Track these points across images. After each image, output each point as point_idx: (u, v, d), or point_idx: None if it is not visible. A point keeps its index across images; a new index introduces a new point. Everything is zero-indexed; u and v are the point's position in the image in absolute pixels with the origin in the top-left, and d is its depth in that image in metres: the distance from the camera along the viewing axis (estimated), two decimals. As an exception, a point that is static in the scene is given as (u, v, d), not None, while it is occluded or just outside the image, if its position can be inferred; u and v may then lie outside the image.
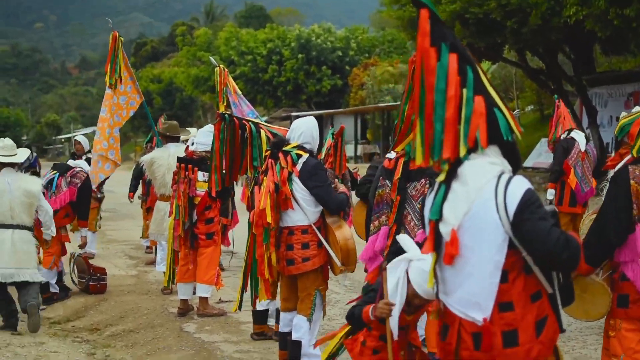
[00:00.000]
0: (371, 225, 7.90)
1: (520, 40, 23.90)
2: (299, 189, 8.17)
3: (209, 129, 11.32)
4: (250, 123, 9.49)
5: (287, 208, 8.22)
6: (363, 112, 49.26)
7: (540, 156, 29.53)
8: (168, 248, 11.56)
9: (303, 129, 8.40)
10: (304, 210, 8.21)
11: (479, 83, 4.19)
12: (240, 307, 9.46)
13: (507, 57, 30.13)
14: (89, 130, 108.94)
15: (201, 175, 11.19)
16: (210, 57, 19.04)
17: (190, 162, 11.36)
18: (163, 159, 13.26)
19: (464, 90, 4.14)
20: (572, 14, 20.33)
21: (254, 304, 9.44)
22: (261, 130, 9.41)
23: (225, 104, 15.24)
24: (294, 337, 8.40)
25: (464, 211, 4.20)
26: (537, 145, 30.39)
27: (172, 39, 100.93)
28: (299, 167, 8.16)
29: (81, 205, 13.12)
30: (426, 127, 4.12)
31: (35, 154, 16.54)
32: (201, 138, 11.48)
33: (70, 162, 13.90)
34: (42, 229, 11.52)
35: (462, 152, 4.12)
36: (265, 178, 8.33)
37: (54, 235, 11.99)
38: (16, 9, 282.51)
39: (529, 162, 28.81)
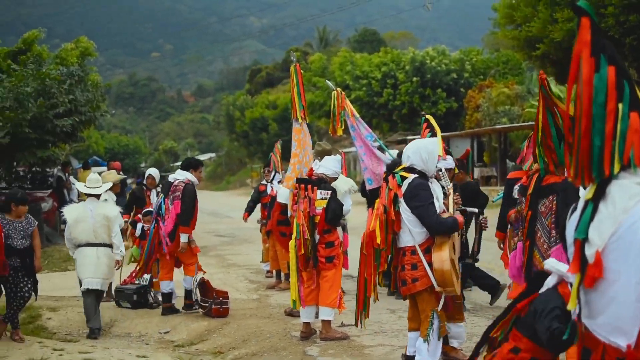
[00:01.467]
0: (512, 241, 7.98)
1: (639, 57, 23.49)
2: (404, 210, 8.32)
3: (338, 159, 11.53)
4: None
5: (395, 229, 8.35)
6: (479, 135, 48.85)
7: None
8: (291, 269, 11.57)
9: (410, 151, 8.55)
10: (410, 231, 8.31)
11: (635, 99, 4.06)
12: (358, 323, 9.43)
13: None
14: (206, 156, 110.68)
15: (319, 194, 11.26)
16: (327, 81, 19.07)
17: (309, 182, 11.43)
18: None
19: (620, 105, 4.00)
20: (693, 30, 19.93)
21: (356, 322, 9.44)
22: None
23: (342, 127, 15.25)
24: (416, 359, 8.47)
25: (610, 232, 4.02)
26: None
27: (286, 65, 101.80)
28: (403, 188, 8.30)
29: (182, 212, 13.79)
30: (582, 142, 4.00)
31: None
32: (329, 164, 11.62)
33: (170, 177, 14.69)
34: (113, 249, 13.21)
35: (616, 169, 3.97)
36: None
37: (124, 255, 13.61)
38: (133, 39, 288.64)
39: None
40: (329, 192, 11.27)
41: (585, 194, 4.17)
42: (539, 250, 7.79)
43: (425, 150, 8.45)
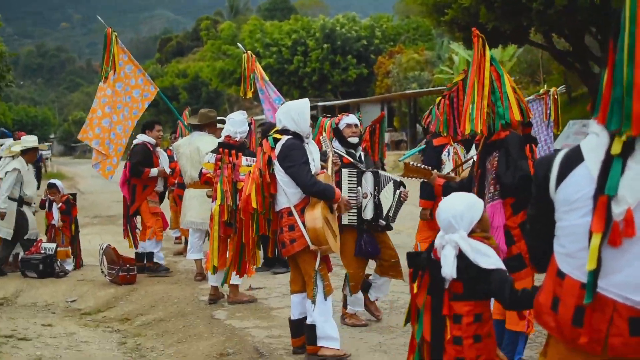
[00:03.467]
0: None
1: (546, 22, 23.74)
2: (278, 172, 8.21)
3: (242, 118, 11.44)
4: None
5: (272, 192, 8.29)
6: (389, 100, 49.14)
7: (569, 138, 29.29)
8: (212, 235, 11.44)
9: (281, 114, 8.45)
10: (285, 193, 8.23)
11: None
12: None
13: (534, 40, 29.91)
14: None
15: (244, 160, 11.19)
16: (239, 44, 19.00)
17: (233, 147, 11.32)
18: (184, 147, 13.33)
19: None
20: (598, -7, 20.16)
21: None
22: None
23: (252, 90, 15.24)
24: (308, 321, 8.41)
25: None
26: (565, 128, 30.16)
27: (197, 34, 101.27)
28: (277, 150, 8.19)
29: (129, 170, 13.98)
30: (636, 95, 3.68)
31: (40, 153, 17.30)
32: (240, 127, 11.47)
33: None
34: None
35: None
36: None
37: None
38: (42, 9, 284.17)
39: (557, 144, 28.51)
40: (254, 158, 11.18)
41: (611, 148, 3.83)
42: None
43: (295, 111, 8.31)
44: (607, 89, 3.78)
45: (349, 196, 9.21)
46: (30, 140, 15.33)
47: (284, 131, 8.31)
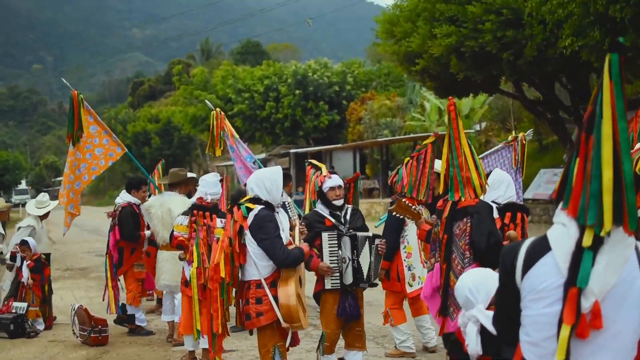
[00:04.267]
0: (428, 262, 8.09)
1: (516, 72, 23.89)
2: (250, 242, 8.09)
3: (214, 180, 11.42)
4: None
5: (241, 262, 8.18)
6: (361, 147, 49.25)
7: (540, 187, 29.50)
8: (192, 299, 11.35)
9: (253, 182, 8.34)
10: (256, 264, 8.10)
11: None
12: None
13: (504, 89, 30.10)
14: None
15: (219, 222, 11.16)
16: (207, 101, 19.00)
17: (206, 209, 11.29)
18: (155, 208, 13.26)
19: None
20: (567, 45, 20.27)
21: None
22: None
23: (221, 148, 15.22)
24: None
25: (612, 282, 3.88)
26: (536, 177, 30.34)
27: (169, 78, 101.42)
28: (249, 220, 8.08)
29: (121, 237, 13.95)
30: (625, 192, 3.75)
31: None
32: (212, 189, 11.42)
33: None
34: None
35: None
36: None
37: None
38: (13, 50, 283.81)
39: (528, 194, 28.72)
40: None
41: (582, 241, 3.86)
42: (454, 272, 7.86)
43: (269, 180, 8.23)
44: (579, 181, 3.82)
45: (329, 260, 9.23)
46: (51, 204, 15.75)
47: (256, 200, 8.24)
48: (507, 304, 4.28)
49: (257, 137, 59.76)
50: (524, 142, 13.76)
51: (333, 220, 9.49)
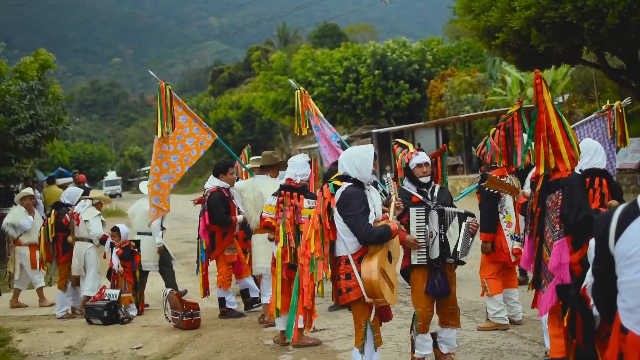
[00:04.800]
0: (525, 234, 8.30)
1: (598, 41, 23.54)
2: (337, 219, 8.18)
3: (303, 161, 11.45)
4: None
5: (330, 239, 8.24)
6: (443, 124, 48.94)
7: (627, 157, 29.04)
8: (275, 278, 11.43)
9: (344, 160, 8.42)
10: (343, 241, 8.18)
11: None
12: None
13: (586, 59, 29.65)
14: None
15: (306, 203, 11.22)
16: (290, 80, 18.99)
17: (294, 189, 11.35)
18: (247, 192, 13.33)
19: None
20: (650, 11, 19.97)
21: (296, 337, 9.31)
22: None
23: (307, 127, 15.24)
24: None
25: None
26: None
27: (248, 64, 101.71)
28: (336, 197, 8.17)
29: (211, 222, 14.09)
30: None
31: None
32: (300, 170, 11.47)
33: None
34: None
35: None
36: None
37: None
38: (93, 46, 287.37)
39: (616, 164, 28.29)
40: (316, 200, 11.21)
41: None
42: (546, 246, 7.86)
43: (359, 158, 8.28)
44: None
45: (417, 235, 9.24)
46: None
47: (345, 177, 8.28)
48: (603, 271, 4.26)
49: (339, 119, 59.67)
50: (621, 110, 13.27)
51: (420, 197, 9.48)
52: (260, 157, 14.05)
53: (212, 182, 14.31)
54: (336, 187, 8.21)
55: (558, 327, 7.63)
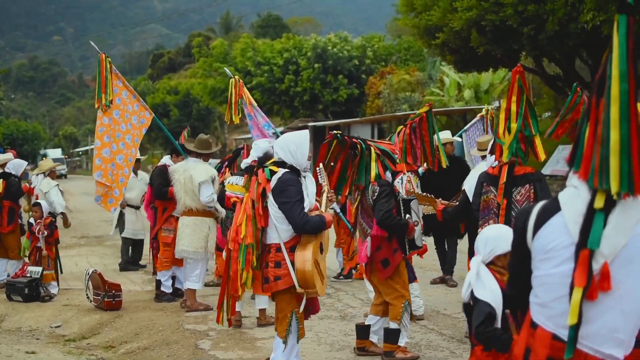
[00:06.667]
0: (479, 230, 8.26)
1: (537, 47, 23.74)
2: (271, 205, 8.03)
3: (267, 146, 11.40)
4: (360, 141, 9.70)
5: (262, 225, 8.09)
6: (380, 122, 49.07)
7: (558, 163, 29.31)
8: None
9: (278, 145, 8.26)
10: (276, 228, 8.04)
11: None
12: (219, 321, 9.10)
13: (524, 64, 29.87)
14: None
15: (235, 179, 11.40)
16: (225, 69, 18.89)
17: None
18: (179, 174, 13.23)
19: None
20: (589, 20, 20.16)
21: (219, 318, 9.12)
22: (371, 148, 9.63)
23: (240, 115, 15.19)
24: (271, 357, 8.37)
25: (622, 244, 3.85)
26: (554, 153, 30.18)
27: (189, 50, 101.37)
28: (272, 183, 8.02)
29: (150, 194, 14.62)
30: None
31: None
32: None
33: None
34: None
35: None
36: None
37: None
38: (34, 22, 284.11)
39: (546, 170, 28.55)
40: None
41: (593, 203, 3.87)
42: None
43: (293, 143, 8.09)
44: (589, 145, 3.81)
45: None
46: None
47: (281, 163, 8.15)
48: (519, 265, 4.28)
49: (276, 110, 59.64)
50: (492, 115, 15.64)
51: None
52: (194, 139, 13.98)
53: (163, 159, 14.64)
54: (272, 173, 8.11)
55: None
